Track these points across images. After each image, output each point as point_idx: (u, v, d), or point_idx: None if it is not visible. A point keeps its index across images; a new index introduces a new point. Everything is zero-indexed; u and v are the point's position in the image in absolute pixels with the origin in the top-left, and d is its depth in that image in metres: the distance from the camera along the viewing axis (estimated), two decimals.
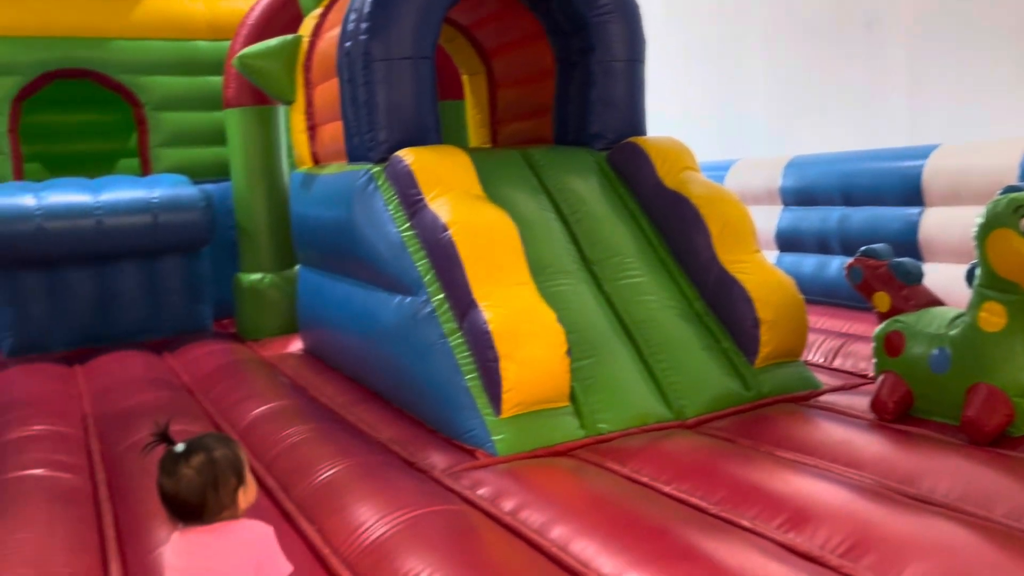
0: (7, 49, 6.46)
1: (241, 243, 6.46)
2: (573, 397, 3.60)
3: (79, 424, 4.17)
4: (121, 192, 6.07)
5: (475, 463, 3.32)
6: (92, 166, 7.07)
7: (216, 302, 6.71)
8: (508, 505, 2.83)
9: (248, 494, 1.94)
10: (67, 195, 5.93)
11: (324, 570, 2.51)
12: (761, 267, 4.10)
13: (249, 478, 1.95)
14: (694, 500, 2.77)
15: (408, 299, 3.91)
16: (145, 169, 6.99)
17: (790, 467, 2.92)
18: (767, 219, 6.52)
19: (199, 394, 4.67)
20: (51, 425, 4.01)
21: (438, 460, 3.36)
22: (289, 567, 1.92)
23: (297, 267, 5.87)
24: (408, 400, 4.00)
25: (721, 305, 4.09)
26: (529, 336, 3.48)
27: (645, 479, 3.00)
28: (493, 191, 4.13)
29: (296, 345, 5.75)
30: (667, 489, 2.89)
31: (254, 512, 2.73)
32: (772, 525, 2.53)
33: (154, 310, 6.36)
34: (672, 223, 4.35)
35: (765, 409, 3.70)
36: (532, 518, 2.69)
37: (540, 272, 3.92)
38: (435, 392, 3.70)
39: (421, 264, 3.84)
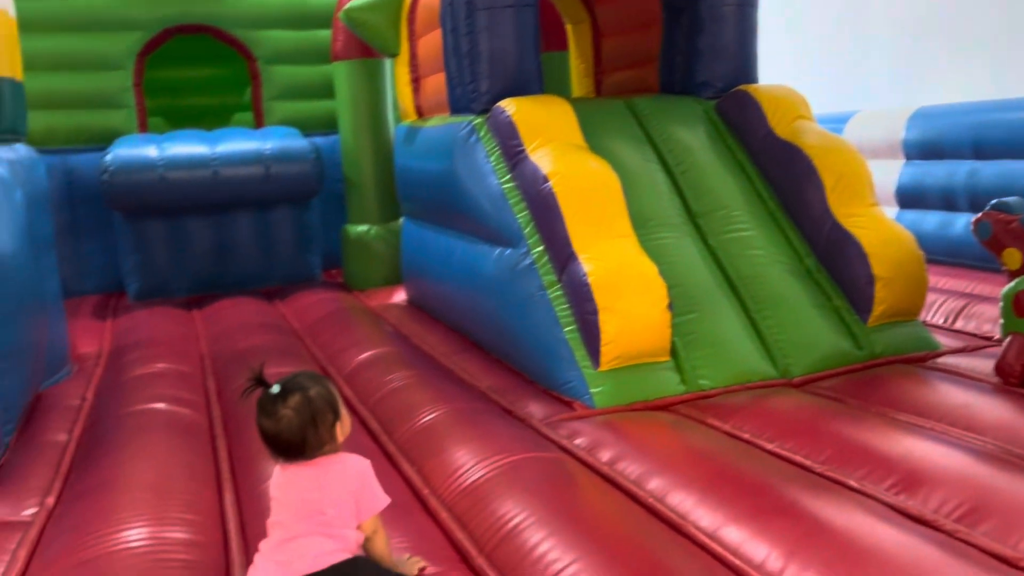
0: (132, 6, 6.73)
1: (348, 195, 6.60)
2: (674, 352, 3.54)
3: (197, 364, 4.38)
4: (235, 144, 6.28)
5: (572, 414, 3.31)
6: (209, 119, 7.34)
7: (325, 253, 6.92)
8: (605, 456, 2.81)
9: (344, 427, 1.99)
10: (186, 147, 6.18)
11: (424, 510, 2.56)
12: (878, 221, 3.89)
13: (344, 412, 2.01)
14: (798, 459, 2.69)
15: (508, 251, 3.91)
16: (258, 122, 7.20)
17: (903, 429, 2.79)
18: (887, 174, 6.20)
19: (308, 339, 4.83)
20: (172, 364, 4.22)
21: (536, 410, 3.37)
22: (386, 499, 1.96)
23: (402, 219, 5.96)
24: (507, 351, 4.02)
25: (834, 261, 3.91)
26: (629, 289, 3.42)
27: (747, 436, 2.92)
28: (596, 142, 4.05)
29: (400, 296, 5.86)
30: (770, 447, 2.81)
31: (358, 452, 2.82)
32: (882, 487, 2.43)
33: (266, 259, 6.60)
34: (783, 175, 4.18)
35: (877, 370, 3.54)
36: (629, 469, 2.66)
37: (643, 225, 3.84)
38: (534, 344, 3.70)
39: (522, 216, 3.82)
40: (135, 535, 2.36)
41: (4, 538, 2.50)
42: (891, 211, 6.21)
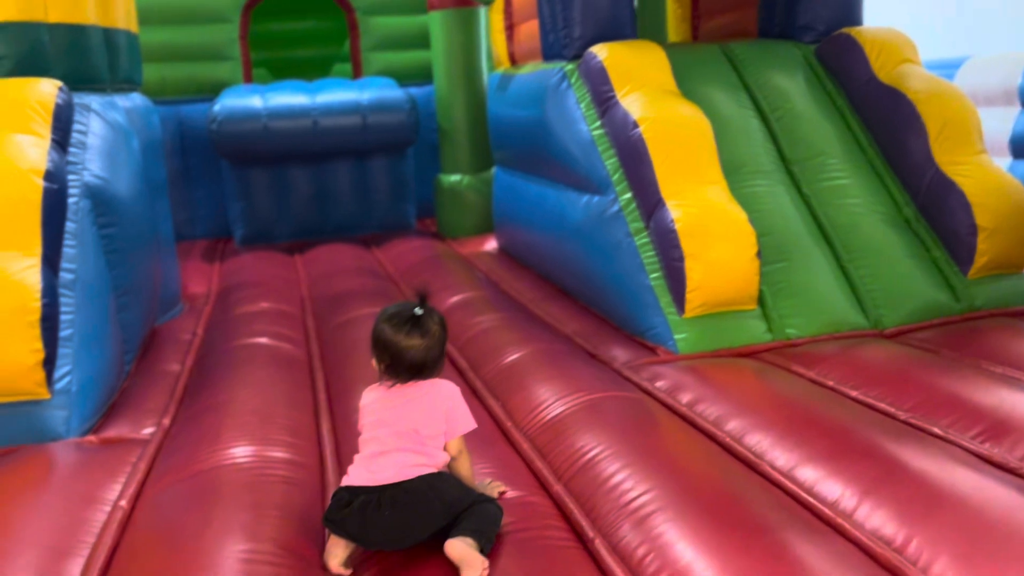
0: None
1: (442, 145, 6.71)
2: (762, 301, 3.52)
3: (298, 304, 4.60)
4: (334, 94, 6.45)
5: (656, 358, 3.35)
6: (310, 70, 7.54)
7: (419, 202, 7.08)
8: (685, 398, 2.85)
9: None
10: (288, 97, 6.40)
11: (506, 441, 2.66)
12: (983, 170, 3.74)
13: None
14: (882, 406, 2.66)
15: (596, 198, 3.93)
16: (356, 73, 7.37)
17: (997, 380, 2.72)
18: (1002, 123, 5.89)
19: (402, 283, 4.99)
20: (275, 303, 4.45)
21: (619, 354, 3.42)
22: (473, 423, 2.07)
23: (494, 168, 6.03)
24: (593, 298, 4.08)
25: (935, 210, 3.79)
26: (717, 237, 3.41)
27: (831, 383, 2.91)
28: (689, 88, 4.01)
29: (491, 244, 5.96)
30: (854, 394, 2.79)
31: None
32: (967, 435, 2.39)
33: (363, 207, 6.80)
34: (885, 121, 4.04)
35: (976, 322, 3.44)
36: (708, 411, 2.70)
37: (735, 172, 3.81)
38: (619, 290, 3.74)
39: (610, 163, 3.84)
40: (240, 453, 2.54)
41: (126, 452, 2.74)
42: (1004, 162, 5.91)
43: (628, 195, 3.74)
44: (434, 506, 1.89)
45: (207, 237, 6.98)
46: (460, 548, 1.82)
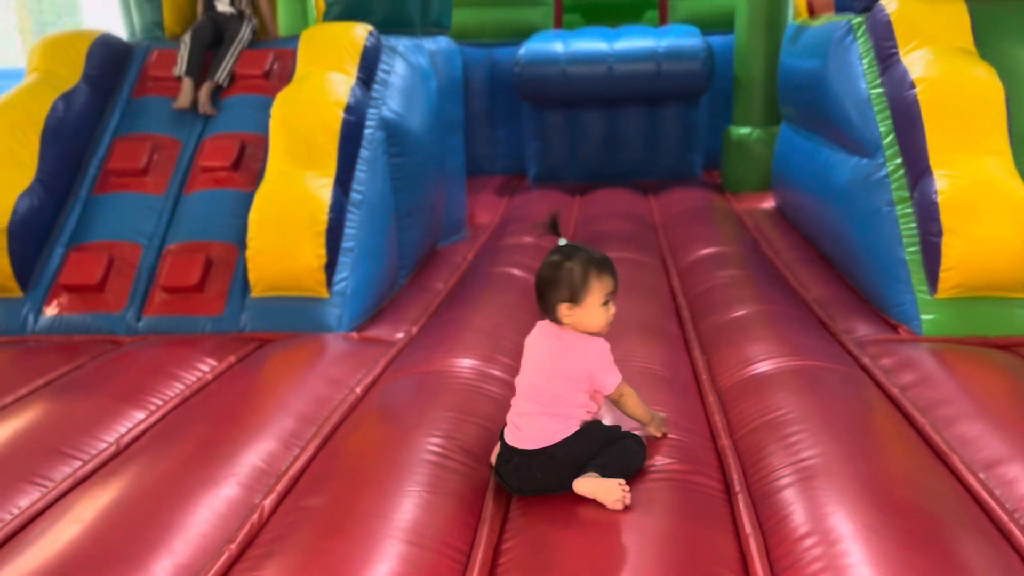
0: None
1: (735, 96, 6.57)
2: None
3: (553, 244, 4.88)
4: (632, 41, 6.57)
5: (895, 336, 3.17)
6: (620, 17, 7.69)
7: (708, 153, 7.02)
8: (904, 380, 2.70)
9: (603, 314, 2.09)
10: (588, 43, 6.63)
11: (696, 393, 2.72)
12: None
13: (609, 303, 2.09)
14: None
15: (864, 161, 3.71)
16: (662, 19, 7.40)
17: None
18: None
19: (661, 231, 5.08)
20: (537, 239, 4.78)
21: (858, 327, 3.27)
22: (618, 377, 2.10)
23: (781, 123, 5.82)
24: (847, 266, 3.88)
25: None
26: (987, 213, 3.10)
27: None
28: (992, 48, 3.59)
29: (770, 202, 5.80)
30: None
31: (661, 336, 3.06)
32: None
33: (651, 154, 6.91)
34: None
35: None
36: (922, 396, 2.54)
37: None
38: (873, 261, 3.54)
39: (884, 125, 3.59)
40: (464, 363, 2.89)
41: (376, 350, 3.22)
42: None
43: (897, 161, 3.50)
44: (581, 460, 1.99)
45: (505, 173, 7.52)
46: (587, 485, 1.93)
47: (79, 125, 3.93)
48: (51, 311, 3.55)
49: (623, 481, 1.94)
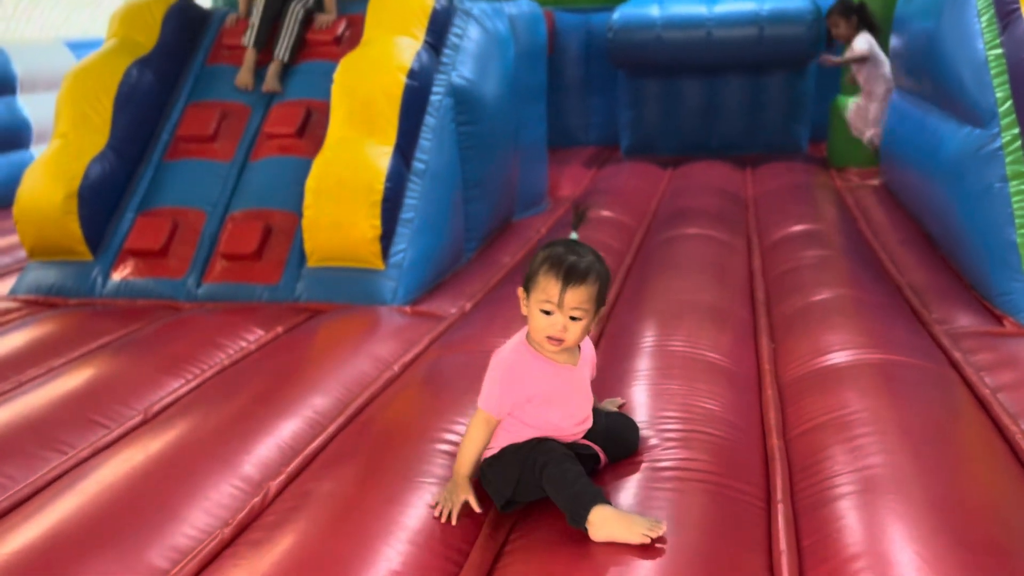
0: None
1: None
2: None
3: (640, 217, 4.64)
4: (733, 4, 6.18)
5: (999, 329, 2.80)
6: None
7: (814, 125, 6.56)
8: (998, 380, 2.36)
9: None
10: (685, 7, 6.28)
11: (755, 387, 2.47)
12: None
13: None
14: None
15: (977, 132, 3.30)
16: None
17: None
18: None
19: (752, 207, 4.75)
20: (617, 213, 4.56)
21: (954, 317, 2.92)
22: (483, 403, 1.79)
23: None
24: (950, 246, 3.49)
25: None
26: None
27: None
28: None
29: (877, 179, 5.35)
30: None
31: (728, 323, 2.81)
32: None
33: (752, 125, 6.51)
34: None
35: None
36: (1013, 399, 2.21)
37: None
38: (979, 243, 3.15)
39: (1001, 91, 3.18)
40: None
41: (426, 325, 3.10)
42: None
43: (1015, 131, 3.09)
44: (507, 487, 1.76)
45: (597, 144, 7.26)
46: (602, 531, 1.60)
47: (152, 91, 3.95)
48: (118, 275, 3.60)
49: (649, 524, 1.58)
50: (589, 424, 1.89)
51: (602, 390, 2.35)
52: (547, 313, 1.72)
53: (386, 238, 3.39)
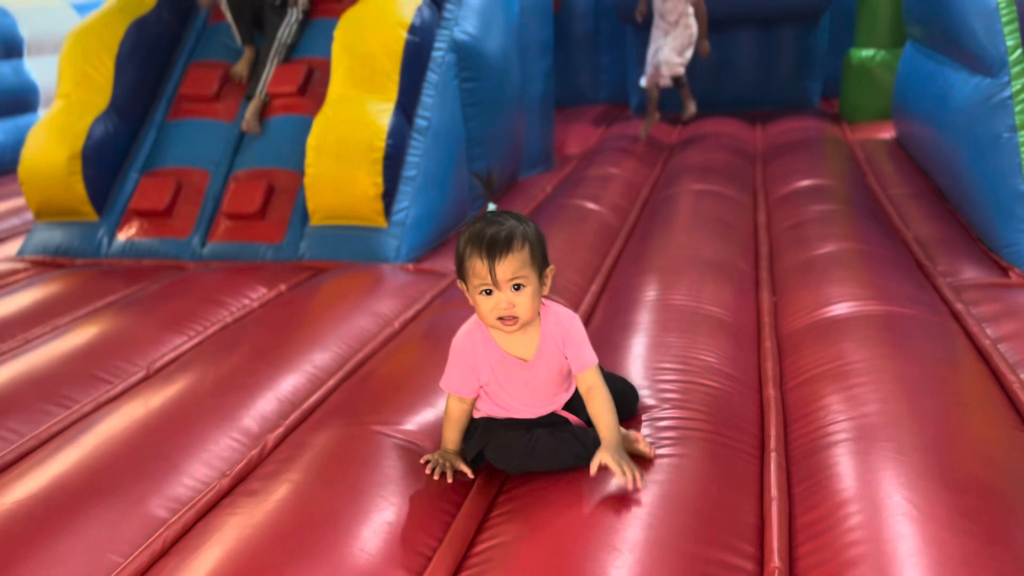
0: None
1: (859, 14, 5.95)
2: None
3: (646, 174, 4.60)
4: None
5: (1004, 280, 2.78)
6: None
7: (827, 79, 6.45)
8: (999, 331, 2.34)
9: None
10: None
11: (756, 338, 2.46)
12: None
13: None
14: None
15: (986, 81, 3.24)
16: None
17: None
18: None
19: (760, 162, 4.70)
20: (623, 171, 4.53)
21: (959, 270, 2.89)
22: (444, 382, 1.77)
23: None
24: (958, 199, 3.45)
25: None
26: None
27: None
28: None
29: (889, 132, 5.27)
30: None
31: (730, 275, 2.80)
32: None
33: (763, 81, 6.41)
34: None
35: None
36: (1014, 350, 2.19)
37: None
38: (986, 194, 3.11)
39: (1012, 38, 3.11)
40: None
41: (428, 283, 3.09)
42: None
43: None
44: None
45: (607, 102, 7.18)
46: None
47: (154, 50, 3.93)
48: (123, 235, 3.62)
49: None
50: (559, 404, 1.81)
51: (603, 343, 2.35)
52: (488, 294, 1.63)
53: (388, 196, 3.39)
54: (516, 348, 1.72)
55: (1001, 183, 3.00)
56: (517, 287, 1.63)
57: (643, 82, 5.46)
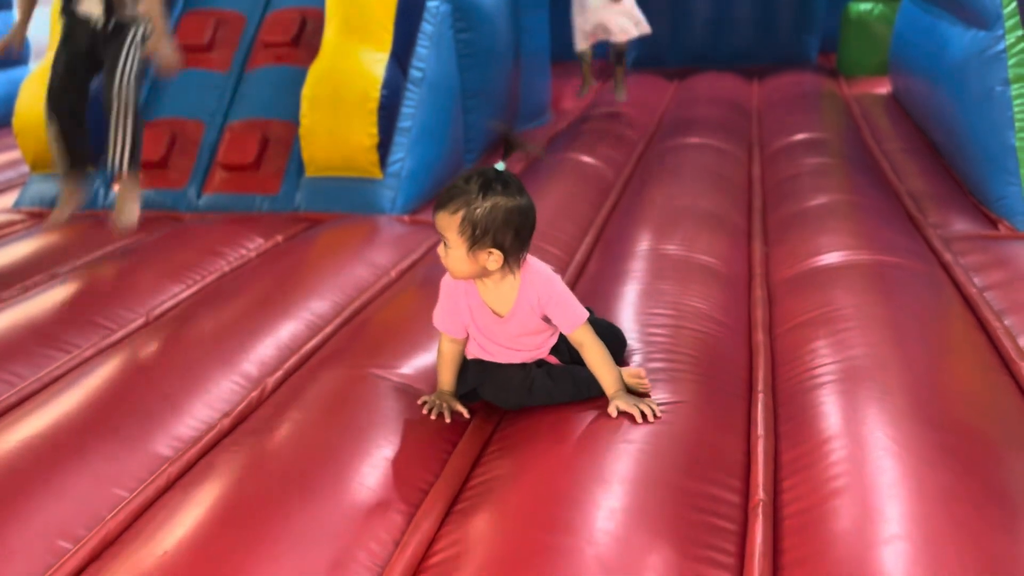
0: None
1: None
2: None
3: (643, 129, 4.60)
4: None
5: (993, 233, 2.81)
6: None
7: (825, 34, 6.42)
8: (986, 280, 2.39)
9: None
10: None
11: (747, 287, 2.50)
12: None
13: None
14: None
15: (981, 34, 3.24)
16: None
17: None
18: None
19: (756, 117, 4.71)
20: (617, 125, 4.53)
21: (949, 222, 2.93)
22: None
23: None
24: (951, 152, 3.48)
25: None
26: None
27: None
28: None
29: (886, 87, 5.26)
30: None
31: (721, 227, 2.83)
32: None
33: (761, 37, 6.39)
34: None
35: None
36: (999, 298, 2.24)
37: None
38: (978, 148, 3.13)
39: None
40: None
41: (423, 234, 3.11)
42: None
43: (1018, 33, 3.03)
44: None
45: (602, 58, 7.11)
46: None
47: None
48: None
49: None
50: (543, 352, 1.83)
51: (596, 292, 2.39)
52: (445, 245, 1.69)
53: (384, 147, 3.39)
54: (494, 302, 1.76)
55: (993, 136, 3.01)
56: (446, 244, 1.68)
57: (581, 45, 4.99)
